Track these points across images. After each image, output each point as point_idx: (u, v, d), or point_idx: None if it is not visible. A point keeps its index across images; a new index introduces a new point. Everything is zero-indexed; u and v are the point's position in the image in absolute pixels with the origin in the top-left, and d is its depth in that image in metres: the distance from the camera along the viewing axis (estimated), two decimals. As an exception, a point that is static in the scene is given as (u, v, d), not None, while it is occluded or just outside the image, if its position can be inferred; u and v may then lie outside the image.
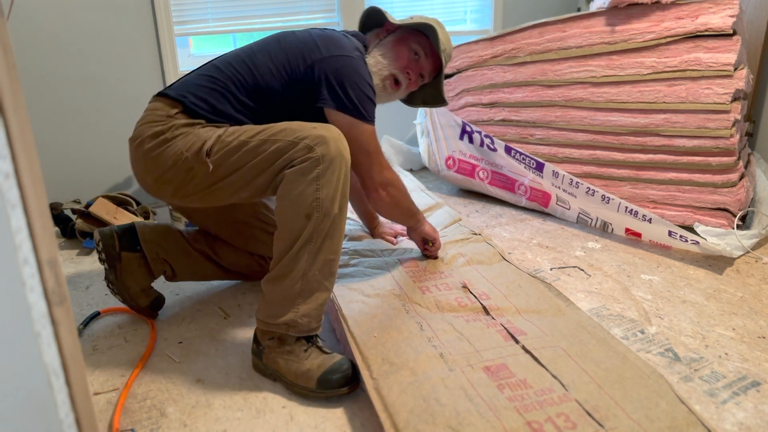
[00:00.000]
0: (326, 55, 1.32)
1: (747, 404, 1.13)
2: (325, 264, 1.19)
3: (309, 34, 1.39)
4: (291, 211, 1.16)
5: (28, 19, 2.18)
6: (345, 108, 1.31)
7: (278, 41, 1.39)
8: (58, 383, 0.52)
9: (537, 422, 0.99)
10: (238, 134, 1.22)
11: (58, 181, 2.36)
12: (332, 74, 1.30)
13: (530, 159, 2.16)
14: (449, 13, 2.88)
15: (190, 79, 1.36)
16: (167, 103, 1.30)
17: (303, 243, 1.16)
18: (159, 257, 1.49)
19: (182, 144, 1.23)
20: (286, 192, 1.17)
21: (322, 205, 1.15)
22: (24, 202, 0.48)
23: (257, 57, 1.35)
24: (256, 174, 1.20)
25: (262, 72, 1.32)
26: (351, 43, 1.39)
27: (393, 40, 1.48)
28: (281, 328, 1.20)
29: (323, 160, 1.14)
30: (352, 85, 1.30)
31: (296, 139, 1.17)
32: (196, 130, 1.25)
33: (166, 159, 1.24)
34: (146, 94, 2.40)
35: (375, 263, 1.62)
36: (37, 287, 0.49)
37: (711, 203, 1.86)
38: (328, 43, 1.35)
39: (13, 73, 0.47)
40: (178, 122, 1.26)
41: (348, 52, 1.34)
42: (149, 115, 1.30)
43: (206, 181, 1.23)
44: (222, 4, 2.47)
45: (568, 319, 1.33)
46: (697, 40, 1.81)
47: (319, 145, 1.15)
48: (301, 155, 1.15)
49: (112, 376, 1.30)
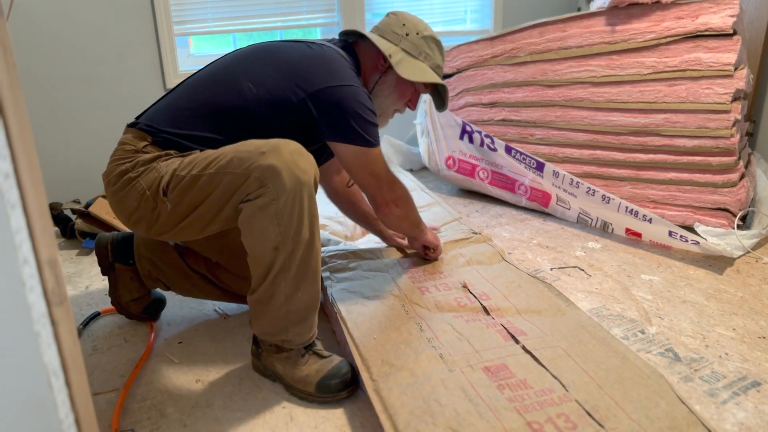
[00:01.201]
0: (322, 86, 1.23)
1: (747, 404, 1.13)
2: (307, 284, 1.15)
3: (302, 54, 1.29)
4: (257, 244, 1.11)
5: (28, 19, 2.18)
6: (350, 140, 1.25)
7: (264, 59, 1.29)
8: (58, 383, 0.52)
9: (537, 422, 0.99)
10: (192, 167, 1.14)
11: (58, 181, 2.36)
12: (333, 108, 1.23)
13: (530, 159, 2.16)
14: (449, 13, 2.88)
15: (165, 104, 1.28)
16: (137, 136, 1.23)
17: (277, 271, 1.11)
18: (152, 275, 1.44)
19: (145, 182, 1.17)
20: (247, 226, 1.11)
21: (288, 237, 1.09)
22: (24, 202, 0.48)
23: (240, 78, 1.25)
24: (216, 210, 1.14)
25: (245, 95, 1.23)
26: (345, 65, 1.30)
27: (396, 81, 1.40)
28: (276, 342, 1.20)
29: (279, 194, 1.06)
30: (354, 115, 1.24)
31: (246, 171, 1.08)
32: (159, 165, 1.17)
33: (131, 199, 1.18)
34: (146, 94, 2.41)
35: (373, 265, 1.62)
36: (36, 287, 0.49)
37: (711, 203, 1.86)
38: (323, 71, 1.25)
39: (13, 73, 0.47)
40: (144, 157, 1.19)
41: (344, 81, 1.25)
42: (118, 150, 1.24)
43: (171, 219, 1.17)
44: (222, 4, 2.47)
45: (569, 319, 1.33)
46: (698, 40, 1.81)
47: (270, 178, 1.06)
48: (253, 189, 1.08)
49: (112, 376, 1.30)
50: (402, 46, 1.39)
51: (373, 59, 1.41)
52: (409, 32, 1.40)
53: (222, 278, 1.46)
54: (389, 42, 1.39)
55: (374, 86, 1.41)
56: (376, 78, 1.42)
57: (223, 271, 1.46)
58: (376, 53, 1.40)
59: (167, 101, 1.29)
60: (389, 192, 1.37)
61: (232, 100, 1.23)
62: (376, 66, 1.41)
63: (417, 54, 1.40)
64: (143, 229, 1.22)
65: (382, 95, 1.42)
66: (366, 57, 1.41)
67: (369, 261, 1.65)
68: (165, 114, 1.25)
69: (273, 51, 1.31)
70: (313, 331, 1.21)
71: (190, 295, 1.49)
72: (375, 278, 1.53)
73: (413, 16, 1.44)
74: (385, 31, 1.41)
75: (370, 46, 1.40)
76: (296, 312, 1.16)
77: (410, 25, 1.41)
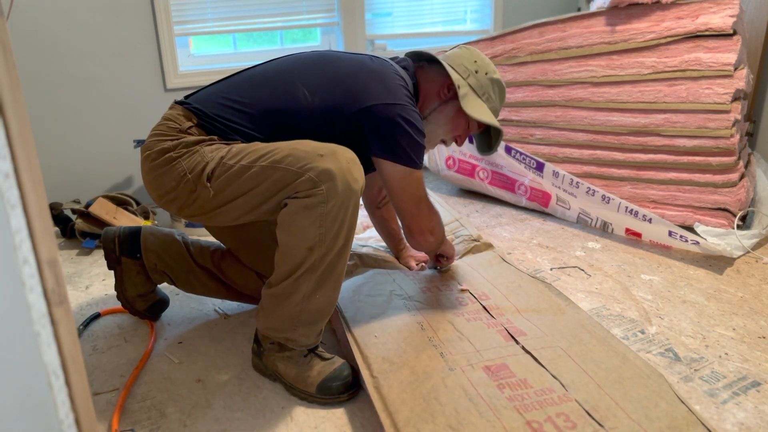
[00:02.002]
0: (377, 102, 1.22)
1: (747, 404, 1.13)
2: (328, 289, 1.15)
3: (360, 65, 1.29)
4: (292, 241, 1.11)
5: (28, 19, 2.18)
6: (397, 158, 1.24)
7: (323, 67, 1.29)
8: (58, 383, 0.52)
9: (537, 422, 0.99)
10: (240, 157, 1.15)
11: (58, 181, 2.36)
12: (384, 124, 1.22)
13: (530, 159, 2.16)
14: (449, 13, 2.88)
15: (216, 91, 1.29)
16: (184, 114, 1.24)
17: (304, 271, 1.12)
18: (158, 269, 1.45)
19: (186, 164, 1.17)
20: (287, 222, 1.11)
21: (325, 240, 1.10)
22: (24, 202, 0.48)
23: (296, 83, 1.25)
24: (259, 202, 1.14)
25: (299, 102, 1.23)
26: (401, 84, 1.29)
27: (455, 113, 1.39)
28: (280, 339, 1.20)
29: (329, 197, 1.07)
30: (405, 134, 1.22)
31: (300, 169, 1.09)
32: (202, 149, 1.18)
33: (170, 179, 1.19)
34: (146, 94, 2.41)
35: (375, 264, 1.62)
36: (36, 287, 0.49)
37: (711, 203, 1.86)
38: (380, 87, 1.25)
39: (13, 73, 0.47)
40: (188, 139, 1.20)
41: (399, 100, 1.24)
42: (162, 125, 1.24)
43: (209, 204, 1.18)
44: (222, 4, 2.47)
45: (568, 318, 1.33)
46: (698, 40, 1.81)
47: (325, 181, 1.07)
48: (304, 188, 1.08)
49: (112, 376, 1.30)
50: (469, 81, 1.37)
51: (436, 86, 1.39)
52: (478, 70, 1.38)
53: (227, 272, 1.46)
54: (458, 74, 1.37)
55: (431, 113, 1.40)
56: (435, 105, 1.39)
57: (228, 265, 1.46)
58: (441, 81, 1.38)
59: (219, 89, 1.29)
60: (427, 220, 1.35)
61: (286, 104, 1.23)
62: (439, 94, 1.39)
63: (481, 93, 1.38)
64: (175, 208, 1.23)
65: (437, 123, 1.40)
66: (429, 82, 1.39)
67: (371, 259, 1.65)
68: (215, 102, 1.25)
69: (333, 60, 1.31)
70: (318, 337, 1.22)
71: (194, 291, 1.49)
72: (376, 277, 1.53)
73: (485, 56, 1.42)
74: (456, 63, 1.38)
75: (437, 73, 1.38)
76: (309, 313, 1.16)
77: (481, 63, 1.39)
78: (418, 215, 1.33)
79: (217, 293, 1.49)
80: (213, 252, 1.47)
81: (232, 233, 1.43)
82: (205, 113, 1.23)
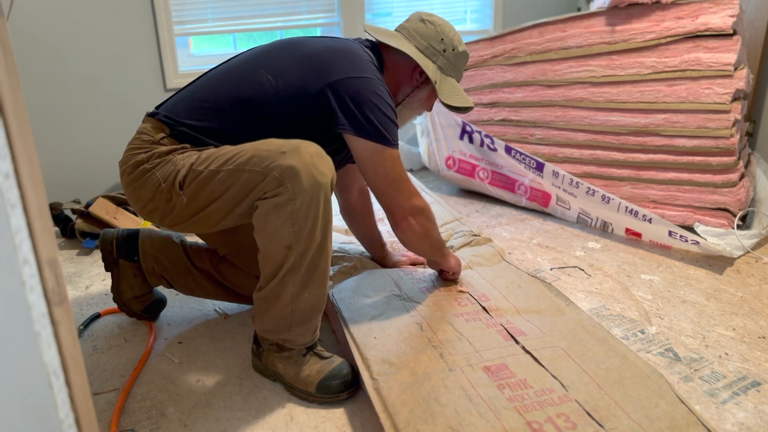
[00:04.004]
0: (342, 77, 1.20)
1: (747, 404, 1.13)
2: (315, 286, 1.15)
3: (324, 46, 1.27)
4: (270, 243, 1.12)
5: (28, 18, 2.18)
6: (366, 133, 1.19)
7: (285, 52, 1.28)
8: (58, 383, 0.52)
9: (537, 422, 0.99)
10: (209, 162, 1.14)
11: (58, 181, 2.36)
12: (350, 97, 1.19)
13: (530, 159, 2.16)
14: (449, 13, 2.88)
15: (183, 96, 1.28)
16: (155, 126, 1.24)
17: (287, 271, 1.12)
18: (155, 272, 1.44)
19: (161, 174, 1.18)
20: (262, 223, 1.11)
21: (301, 237, 1.09)
22: (24, 202, 0.48)
23: (259, 71, 1.24)
24: (232, 205, 1.14)
25: (264, 87, 1.22)
26: (368, 60, 1.27)
27: (428, 95, 1.39)
28: (278, 341, 1.20)
29: (296, 194, 1.07)
30: (372, 107, 1.19)
31: (265, 169, 1.08)
32: (174, 158, 1.18)
33: (147, 190, 1.19)
34: (146, 94, 2.41)
35: (374, 265, 1.62)
36: (36, 287, 0.49)
37: (711, 203, 1.86)
38: (345, 62, 1.23)
39: (13, 73, 0.47)
40: (160, 149, 1.20)
41: (365, 73, 1.22)
42: (136, 139, 1.24)
43: (186, 212, 1.18)
44: (222, 4, 2.47)
45: (568, 318, 1.33)
46: (698, 40, 1.81)
47: (289, 179, 1.06)
48: (271, 188, 1.08)
49: (112, 376, 1.30)
50: (439, 63, 1.35)
51: (406, 71, 1.36)
52: (446, 48, 1.35)
53: (226, 275, 1.46)
54: (427, 58, 1.34)
55: (405, 98, 1.39)
56: (408, 91, 1.38)
57: (227, 267, 1.46)
58: (411, 66, 1.35)
59: (187, 93, 1.29)
60: (407, 201, 1.27)
61: (251, 92, 1.22)
62: (411, 79, 1.37)
63: (449, 71, 1.37)
64: (157, 219, 1.23)
65: (411, 107, 1.40)
66: (397, 65, 1.36)
67: (370, 261, 1.65)
68: (184, 106, 1.25)
69: (295, 44, 1.30)
70: (315, 334, 1.22)
71: (192, 293, 1.49)
72: (375, 278, 1.53)
73: (448, 26, 1.38)
74: (421, 43, 1.34)
75: (405, 56, 1.33)
76: (300, 312, 1.16)
77: (447, 40, 1.35)
78: (396, 196, 1.26)
79: (215, 295, 1.49)
80: (212, 254, 1.47)
81: (224, 240, 1.43)
82: (176, 121, 1.23)
